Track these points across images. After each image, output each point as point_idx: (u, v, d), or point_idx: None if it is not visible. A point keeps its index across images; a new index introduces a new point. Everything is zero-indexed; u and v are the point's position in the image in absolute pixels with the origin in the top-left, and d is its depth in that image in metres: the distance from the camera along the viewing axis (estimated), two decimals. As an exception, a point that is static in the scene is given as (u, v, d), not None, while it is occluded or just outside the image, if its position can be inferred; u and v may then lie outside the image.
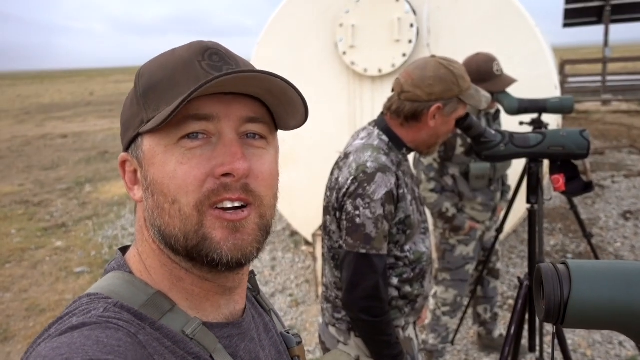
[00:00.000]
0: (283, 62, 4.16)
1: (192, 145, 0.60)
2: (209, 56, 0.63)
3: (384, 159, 1.54)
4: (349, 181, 1.52)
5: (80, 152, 11.86)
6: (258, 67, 0.68)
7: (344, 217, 1.54)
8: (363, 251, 1.50)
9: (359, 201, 1.50)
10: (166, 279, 0.65)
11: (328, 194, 1.64)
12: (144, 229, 0.66)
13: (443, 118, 1.57)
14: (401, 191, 1.55)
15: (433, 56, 1.60)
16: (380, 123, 1.64)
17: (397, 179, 1.54)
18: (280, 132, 0.71)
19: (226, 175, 0.60)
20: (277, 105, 0.66)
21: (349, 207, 1.52)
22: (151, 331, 0.59)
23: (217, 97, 0.61)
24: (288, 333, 0.81)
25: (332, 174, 1.65)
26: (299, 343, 0.80)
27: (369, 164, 1.51)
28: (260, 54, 4.28)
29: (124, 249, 0.70)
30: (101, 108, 23.56)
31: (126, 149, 0.66)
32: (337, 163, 1.65)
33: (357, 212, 1.50)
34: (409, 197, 1.59)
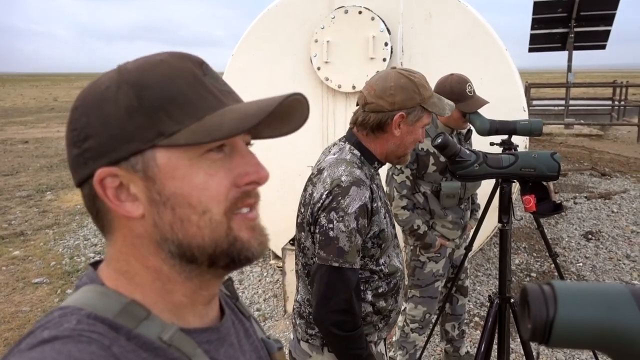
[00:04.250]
0: (257, 75, 4.15)
1: (218, 157, 0.63)
2: (206, 70, 0.66)
3: (358, 172, 1.54)
4: (324, 195, 1.52)
5: (42, 158, 11.51)
6: (231, 78, 0.69)
7: (317, 231, 1.53)
8: (336, 264, 1.49)
9: (332, 214, 1.49)
10: (155, 292, 0.65)
11: (302, 210, 1.63)
12: (137, 247, 0.64)
13: (408, 127, 1.59)
14: (375, 205, 1.55)
15: (394, 68, 1.63)
16: (351, 138, 1.65)
17: (372, 192, 1.54)
18: (252, 146, 0.73)
19: (250, 183, 0.65)
20: (267, 121, 0.68)
21: (322, 220, 1.51)
22: (126, 343, 0.58)
23: None
24: (269, 339, 0.82)
25: (305, 190, 1.64)
26: (280, 349, 0.81)
27: (343, 178, 1.51)
28: (235, 65, 4.25)
29: (95, 265, 0.69)
30: (65, 114, 22.99)
31: (113, 163, 0.61)
32: (310, 179, 1.64)
33: (331, 226, 1.49)
34: (383, 211, 1.60)
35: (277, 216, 4.23)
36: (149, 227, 0.63)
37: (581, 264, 4.89)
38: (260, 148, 0.72)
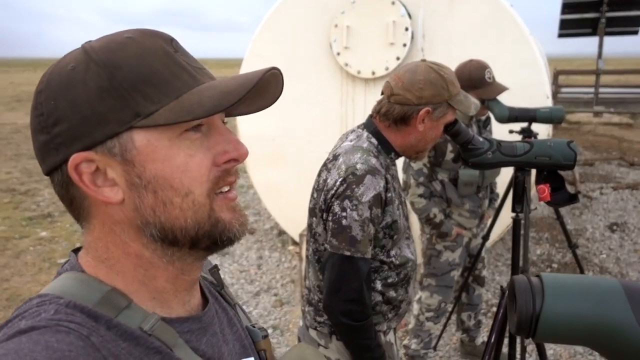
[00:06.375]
0: (277, 60, 4.13)
1: (196, 137, 0.62)
2: (177, 46, 0.64)
3: (373, 161, 1.52)
4: (338, 182, 1.50)
5: (71, 142, 11.74)
6: (251, 63, 0.69)
7: (329, 218, 1.52)
8: (348, 253, 1.48)
9: (346, 202, 1.48)
10: (137, 280, 0.64)
11: (315, 195, 1.62)
12: (116, 234, 0.63)
13: (432, 122, 1.57)
14: (389, 195, 1.54)
15: (423, 60, 1.59)
16: (369, 126, 1.63)
17: (386, 182, 1.53)
18: (271, 132, 0.73)
19: (229, 161, 0.64)
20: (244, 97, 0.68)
21: (336, 208, 1.50)
22: (105, 332, 0.57)
23: None
24: (254, 327, 0.81)
25: (319, 175, 1.63)
26: (265, 337, 0.80)
27: (358, 166, 1.50)
28: (255, 51, 4.25)
29: (77, 251, 0.67)
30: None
31: (87, 148, 0.59)
32: (325, 165, 1.62)
33: (344, 214, 1.48)
34: (396, 202, 1.58)
35: (296, 202, 4.25)
36: (128, 212, 0.61)
37: (605, 256, 4.79)
38: (280, 134, 0.71)
